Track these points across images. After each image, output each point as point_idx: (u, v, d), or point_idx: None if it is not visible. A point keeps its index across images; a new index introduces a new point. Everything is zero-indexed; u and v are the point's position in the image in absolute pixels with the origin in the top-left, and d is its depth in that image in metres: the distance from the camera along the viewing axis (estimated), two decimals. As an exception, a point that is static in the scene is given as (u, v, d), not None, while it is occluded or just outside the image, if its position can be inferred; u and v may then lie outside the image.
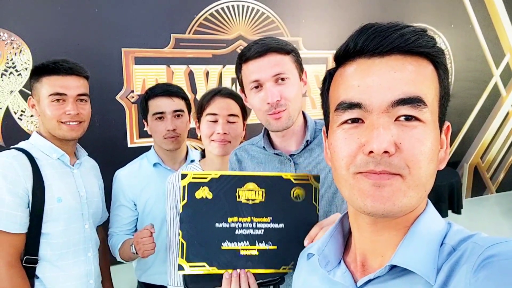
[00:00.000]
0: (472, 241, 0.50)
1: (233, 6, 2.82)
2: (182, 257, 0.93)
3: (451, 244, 0.53)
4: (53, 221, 1.32)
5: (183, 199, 0.94)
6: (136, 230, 1.70)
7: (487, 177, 4.57)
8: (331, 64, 0.68)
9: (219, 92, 1.42)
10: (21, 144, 1.39)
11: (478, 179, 4.51)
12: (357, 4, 3.28)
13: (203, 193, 0.94)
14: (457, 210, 3.53)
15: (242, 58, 1.12)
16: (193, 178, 0.94)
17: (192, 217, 0.94)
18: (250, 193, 0.94)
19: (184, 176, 0.94)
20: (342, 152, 0.55)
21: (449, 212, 3.50)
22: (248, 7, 2.86)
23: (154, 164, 1.67)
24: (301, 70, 1.14)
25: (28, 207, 1.28)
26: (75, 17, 2.35)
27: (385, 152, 0.50)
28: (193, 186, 0.94)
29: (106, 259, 1.68)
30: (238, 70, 1.16)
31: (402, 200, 0.51)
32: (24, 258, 1.29)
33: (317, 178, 0.97)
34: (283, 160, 1.15)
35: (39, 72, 1.36)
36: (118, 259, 1.61)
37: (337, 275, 0.62)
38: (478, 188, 4.52)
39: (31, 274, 1.30)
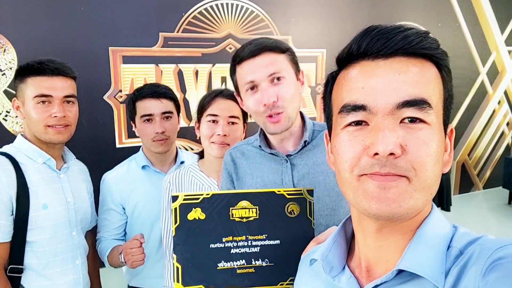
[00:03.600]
0: (479, 244, 0.50)
1: (222, 4, 2.78)
2: (178, 281, 0.90)
3: (458, 247, 0.52)
4: (38, 228, 1.27)
5: (175, 222, 0.91)
6: (125, 235, 1.66)
7: (474, 174, 4.64)
8: (321, 63, 0.67)
9: (221, 93, 1.39)
10: (5, 148, 1.33)
11: (465, 176, 4.58)
12: (347, 2, 3.27)
13: (196, 214, 0.91)
14: (447, 207, 3.58)
15: (236, 60, 1.07)
16: (184, 199, 0.91)
17: (186, 239, 0.91)
18: (243, 211, 0.92)
19: (175, 198, 0.91)
20: (346, 155, 0.55)
21: (438, 209, 3.53)
22: (237, 5, 2.83)
23: (143, 167, 1.63)
24: (297, 69, 1.10)
25: (12, 214, 1.23)
26: (61, 15, 2.30)
27: (391, 154, 0.50)
28: (185, 208, 0.91)
29: (95, 265, 1.63)
30: (233, 73, 1.11)
31: (408, 202, 0.51)
32: (9, 267, 1.24)
33: (311, 192, 0.95)
34: (279, 160, 1.12)
35: (23, 72, 1.30)
36: (107, 265, 1.57)
37: (342, 281, 0.61)
38: (466, 185, 4.60)
39: (16, 284, 1.25)
